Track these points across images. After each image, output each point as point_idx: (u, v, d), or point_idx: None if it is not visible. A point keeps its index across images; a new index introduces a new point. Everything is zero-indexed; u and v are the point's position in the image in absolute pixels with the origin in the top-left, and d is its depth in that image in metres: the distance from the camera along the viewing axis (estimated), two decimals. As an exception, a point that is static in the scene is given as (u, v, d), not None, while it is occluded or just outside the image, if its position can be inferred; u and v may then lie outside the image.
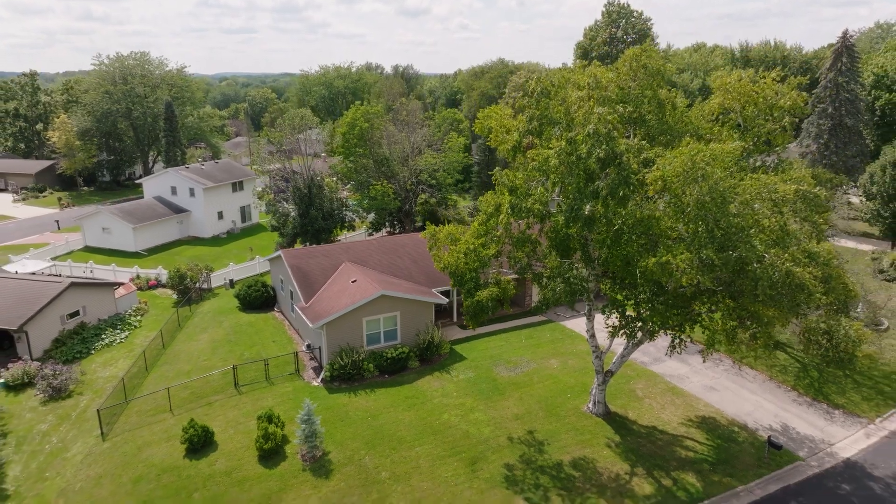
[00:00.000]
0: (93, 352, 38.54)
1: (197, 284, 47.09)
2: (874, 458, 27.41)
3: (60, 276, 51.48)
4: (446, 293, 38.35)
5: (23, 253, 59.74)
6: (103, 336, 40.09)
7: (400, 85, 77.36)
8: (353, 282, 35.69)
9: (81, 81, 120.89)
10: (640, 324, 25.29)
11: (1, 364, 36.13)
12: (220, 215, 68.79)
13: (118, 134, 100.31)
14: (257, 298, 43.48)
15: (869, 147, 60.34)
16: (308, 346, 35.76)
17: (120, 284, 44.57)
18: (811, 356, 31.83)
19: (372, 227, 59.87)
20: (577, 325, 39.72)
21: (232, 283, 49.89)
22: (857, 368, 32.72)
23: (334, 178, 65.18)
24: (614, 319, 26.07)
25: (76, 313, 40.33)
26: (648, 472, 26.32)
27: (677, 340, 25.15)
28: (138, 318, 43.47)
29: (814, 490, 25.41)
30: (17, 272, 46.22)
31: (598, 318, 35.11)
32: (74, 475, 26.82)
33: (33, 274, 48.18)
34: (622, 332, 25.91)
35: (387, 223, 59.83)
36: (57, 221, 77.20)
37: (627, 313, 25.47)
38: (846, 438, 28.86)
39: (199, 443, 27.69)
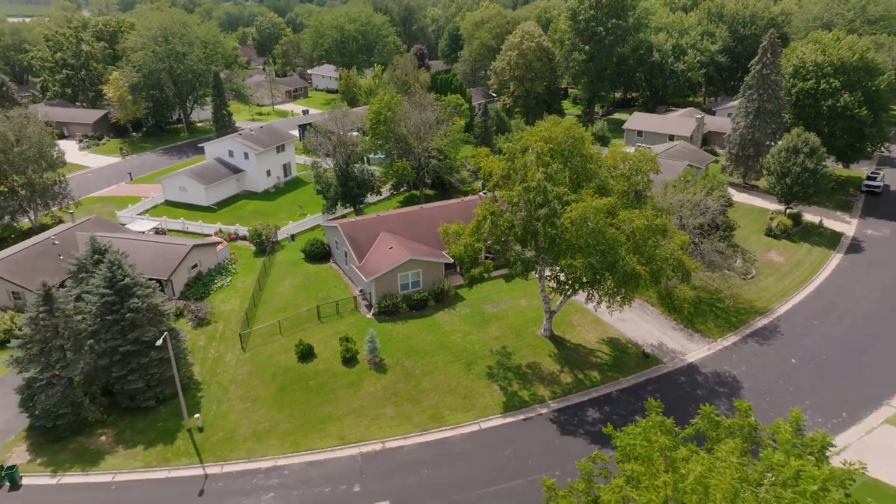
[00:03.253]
0: (211, 293, 56.81)
1: (270, 239, 64.80)
2: (706, 362, 46.16)
3: (165, 232, 69.20)
4: (452, 253, 55.85)
5: (122, 208, 76.82)
6: (216, 281, 58.26)
7: (412, 62, 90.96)
8: (390, 248, 53.36)
9: (125, 29, 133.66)
10: (566, 287, 43.21)
11: (157, 302, 54.27)
12: (269, 173, 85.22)
13: (160, 86, 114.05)
14: (318, 253, 61.29)
15: (786, 125, 75.61)
16: (361, 291, 53.98)
17: (220, 242, 62.21)
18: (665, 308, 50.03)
19: (393, 188, 76.82)
20: (542, 273, 57.59)
21: (293, 238, 67.56)
22: (685, 314, 50.53)
23: (354, 133, 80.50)
24: (553, 283, 43.95)
25: (195, 265, 58.29)
26: (571, 371, 45.13)
27: (590, 296, 43.06)
28: (234, 266, 61.49)
29: (663, 380, 44.28)
30: (144, 232, 63.83)
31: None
32: (234, 372, 45.69)
33: (146, 231, 65.92)
34: (557, 291, 43.86)
35: (404, 186, 76.74)
36: (129, 174, 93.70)
37: (561, 280, 43.41)
38: (694, 351, 47.53)
39: (306, 353, 46.38)
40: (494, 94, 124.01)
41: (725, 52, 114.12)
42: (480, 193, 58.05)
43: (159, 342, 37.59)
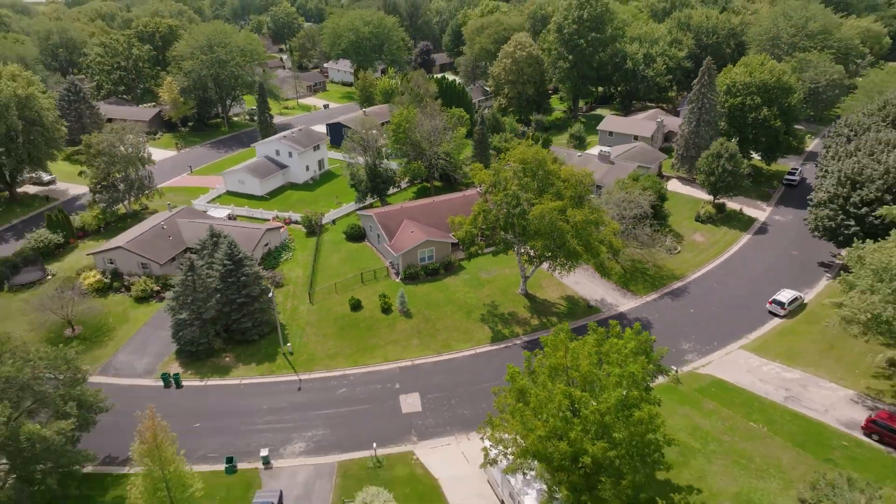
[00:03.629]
0: (280, 264, 77.43)
1: (318, 224, 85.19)
2: (632, 311, 66.91)
3: (235, 218, 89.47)
4: (456, 235, 76.25)
5: (192, 197, 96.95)
6: (282, 256, 78.83)
7: (423, 76, 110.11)
8: (411, 232, 73.80)
9: (163, 30, 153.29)
10: (534, 260, 63.83)
11: (243, 270, 74.84)
12: (307, 168, 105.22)
13: (205, 87, 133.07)
14: (356, 234, 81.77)
15: (721, 132, 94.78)
16: (391, 263, 74.63)
17: (281, 226, 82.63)
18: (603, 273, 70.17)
19: (409, 181, 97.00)
20: (523, 250, 78.07)
21: (334, 222, 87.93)
22: (618, 279, 71.02)
23: (374, 131, 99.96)
24: (526, 257, 64.56)
25: (267, 244, 78.80)
26: (538, 317, 65.92)
27: (551, 266, 63.61)
28: (292, 244, 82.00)
29: (600, 323, 64.98)
30: (225, 217, 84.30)
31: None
32: (307, 318, 66.57)
33: (224, 217, 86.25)
34: (529, 262, 64.47)
35: (418, 180, 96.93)
36: (190, 167, 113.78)
37: (531, 255, 64.04)
38: (625, 304, 68.26)
39: (356, 305, 67.15)
40: (491, 92, 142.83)
41: (691, 58, 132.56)
42: (478, 190, 77.89)
43: (270, 294, 58.44)
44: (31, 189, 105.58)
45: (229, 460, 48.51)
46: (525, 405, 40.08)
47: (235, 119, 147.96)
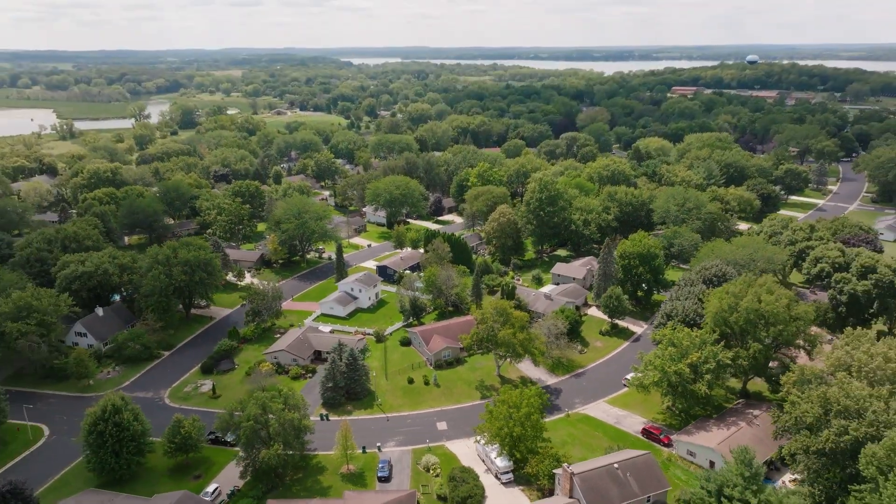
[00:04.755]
0: (365, 358, 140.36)
1: (383, 335, 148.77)
2: (554, 383, 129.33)
3: (334, 331, 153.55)
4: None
5: (304, 317, 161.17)
6: (365, 353, 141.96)
7: (441, 241, 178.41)
8: (438, 341, 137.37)
9: (252, 191, 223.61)
10: (502, 357, 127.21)
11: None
12: (369, 298, 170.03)
13: (293, 238, 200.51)
14: (405, 342, 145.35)
15: (620, 279, 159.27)
16: (427, 358, 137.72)
17: (363, 336, 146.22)
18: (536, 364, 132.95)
19: (433, 309, 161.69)
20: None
21: (391, 334, 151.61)
22: (548, 366, 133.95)
23: (407, 272, 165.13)
24: (497, 356, 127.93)
25: (357, 347, 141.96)
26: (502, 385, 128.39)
27: (510, 360, 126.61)
28: (369, 347, 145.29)
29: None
30: (330, 331, 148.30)
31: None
32: (385, 386, 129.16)
33: (329, 331, 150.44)
34: (500, 358, 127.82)
35: (439, 308, 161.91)
36: (292, 296, 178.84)
37: (500, 354, 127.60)
38: (551, 380, 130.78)
39: (411, 381, 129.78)
40: (483, 240, 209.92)
41: (617, 220, 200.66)
42: (474, 318, 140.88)
43: (373, 374, 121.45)
44: (195, 311, 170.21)
45: (363, 447, 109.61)
46: (492, 416, 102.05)
47: (309, 257, 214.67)
